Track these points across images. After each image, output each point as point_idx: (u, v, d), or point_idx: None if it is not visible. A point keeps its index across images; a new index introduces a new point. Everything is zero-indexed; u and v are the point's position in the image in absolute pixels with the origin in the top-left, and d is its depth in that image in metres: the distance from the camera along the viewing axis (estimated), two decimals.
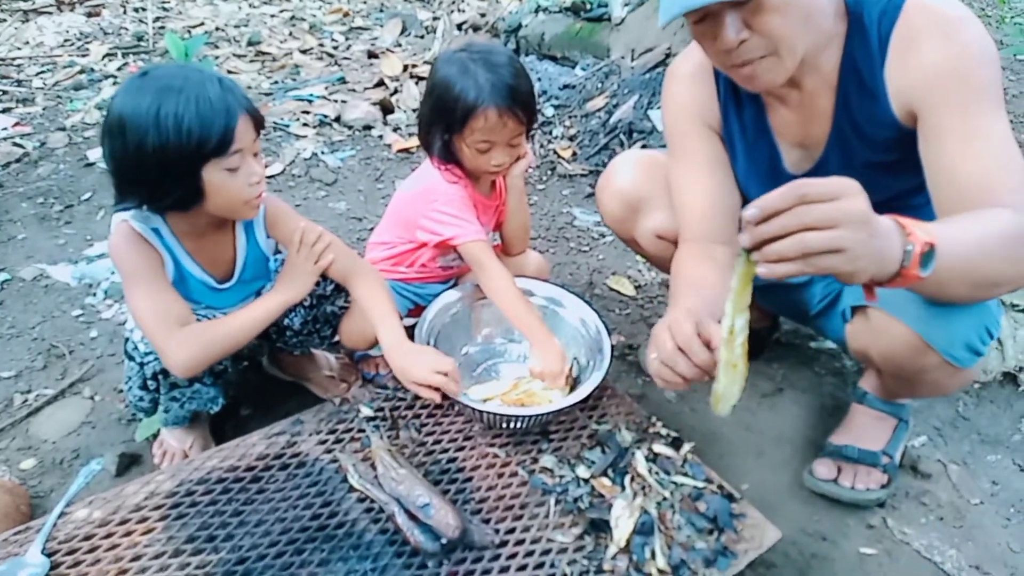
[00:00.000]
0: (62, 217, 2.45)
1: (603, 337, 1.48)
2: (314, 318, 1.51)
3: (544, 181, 2.85)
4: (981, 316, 1.16)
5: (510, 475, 1.30)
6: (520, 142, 1.53)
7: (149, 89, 1.15)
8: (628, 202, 1.56)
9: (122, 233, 1.28)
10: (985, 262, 0.95)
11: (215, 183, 1.20)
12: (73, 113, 3.18)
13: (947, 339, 1.16)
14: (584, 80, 3.28)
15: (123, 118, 1.15)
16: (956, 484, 1.54)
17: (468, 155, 1.51)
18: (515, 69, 1.46)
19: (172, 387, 1.36)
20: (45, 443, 1.58)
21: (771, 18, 1.03)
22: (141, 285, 1.27)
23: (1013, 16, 3.67)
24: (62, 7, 4.55)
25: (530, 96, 1.49)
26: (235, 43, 4.14)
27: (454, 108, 1.44)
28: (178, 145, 1.14)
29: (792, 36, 1.06)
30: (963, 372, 1.22)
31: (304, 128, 3.15)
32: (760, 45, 1.06)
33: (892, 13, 1.10)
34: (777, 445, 1.63)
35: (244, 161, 1.22)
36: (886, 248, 0.83)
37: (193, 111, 1.13)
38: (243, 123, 1.19)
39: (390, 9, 4.89)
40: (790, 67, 1.10)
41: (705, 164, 1.36)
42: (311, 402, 1.54)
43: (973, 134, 1.04)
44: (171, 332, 1.25)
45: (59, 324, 1.95)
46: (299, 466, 1.30)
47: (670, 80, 1.40)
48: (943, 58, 1.06)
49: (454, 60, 1.47)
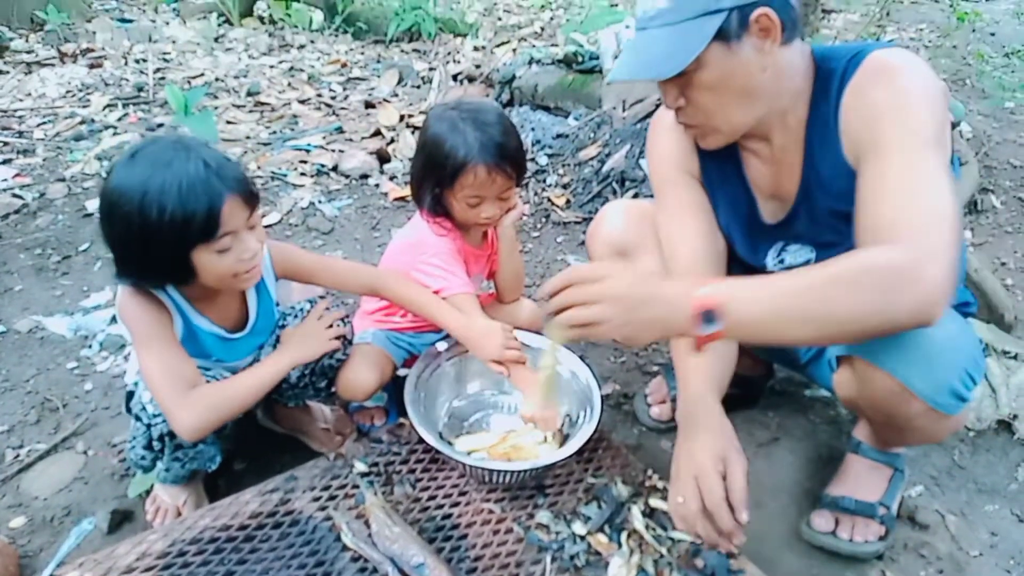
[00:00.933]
0: (59, 268, 2.46)
1: (593, 389, 1.49)
2: (311, 371, 1.52)
3: (538, 228, 2.89)
4: (963, 361, 1.16)
5: (505, 531, 1.29)
6: (510, 195, 1.57)
7: (136, 171, 1.15)
8: (616, 249, 1.59)
9: (130, 292, 1.28)
10: (818, 303, 0.97)
11: (204, 264, 1.21)
12: (73, 164, 3.22)
13: (930, 386, 1.16)
14: (577, 130, 3.34)
15: (111, 199, 1.16)
16: (955, 535, 1.53)
17: (459, 209, 1.54)
18: (504, 127, 1.51)
19: (176, 448, 1.35)
20: (36, 500, 1.56)
21: (702, 95, 1.12)
22: (152, 346, 1.27)
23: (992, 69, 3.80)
24: (64, 59, 4.63)
25: (519, 152, 1.53)
26: (234, 94, 4.21)
27: (444, 164, 1.48)
28: (161, 231, 1.14)
29: (723, 112, 1.14)
30: (950, 419, 1.23)
31: (302, 177, 3.20)
32: (694, 115, 1.17)
33: (851, 70, 1.15)
34: (774, 495, 1.62)
35: (236, 240, 1.22)
36: (661, 314, 0.99)
37: (175, 198, 1.13)
38: (231, 205, 1.18)
39: (387, 60, 5.00)
40: (729, 135, 1.19)
41: (689, 211, 1.41)
42: (306, 455, 1.53)
43: (892, 176, 1.06)
44: (181, 395, 1.25)
45: (53, 377, 1.94)
46: (292, 524, 1.29)
47: (654, 130, 1.46)
48: (881, 101, 1.10)
49: (445, 117, 1.51)
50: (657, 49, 1.10)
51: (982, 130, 3.55)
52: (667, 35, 1.10)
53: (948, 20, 5.41)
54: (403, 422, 1.52)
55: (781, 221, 1.33)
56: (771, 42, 1.11)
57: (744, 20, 1.08)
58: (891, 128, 1.08)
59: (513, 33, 5.52)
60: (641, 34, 1.15)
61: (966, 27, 5.39)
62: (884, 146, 1.08)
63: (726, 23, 1.07)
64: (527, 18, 6.12)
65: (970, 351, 1.18)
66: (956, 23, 5.12)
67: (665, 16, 1.10)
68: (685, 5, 1.08)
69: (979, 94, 4.04)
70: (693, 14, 1.07)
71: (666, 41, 1.10)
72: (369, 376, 1.58)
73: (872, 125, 1.10)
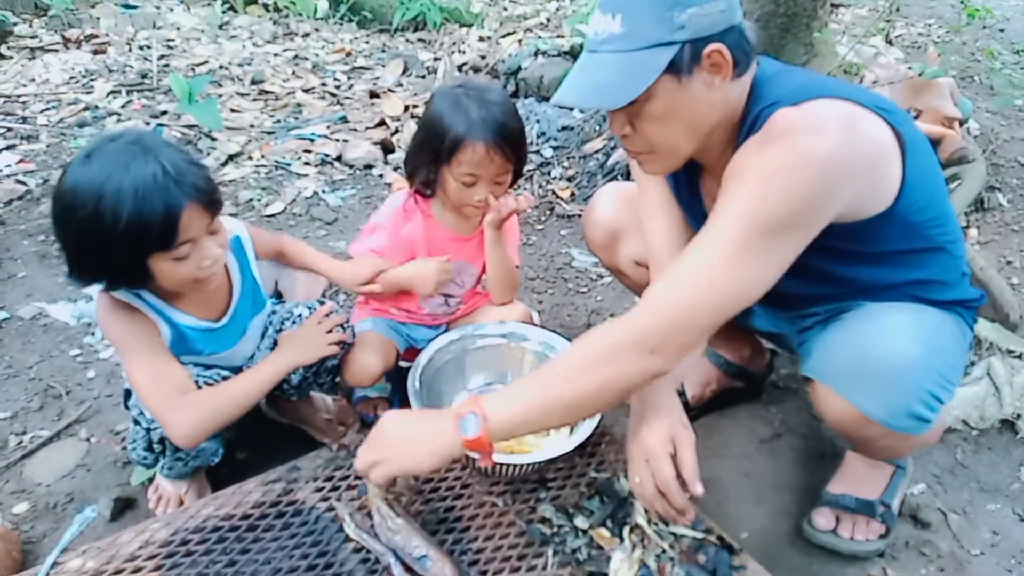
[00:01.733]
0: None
1: None
2: (314, 372, 1.52)
3: (543, 221, 2.88)
4: (925, 382, 1.13)
5: (508, 525, 1.29)
6: (505, 180, 1.56)
7: (92, 174, 1.09)
8: (608, 231, 1.62)
9: (106, 305, 1.25)
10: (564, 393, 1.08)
11: (162, 270, 1.17)
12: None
13: (887, 411, 1.15)
14: (582, 122, 3.33)
15: (65, 202, 1.11)
16: (956, 534, 1.53)
17: (453, 187, 1.53)
18: (507, 108, 1.51)
19: (177, 449, 1.35)
20: (39, 486, 1.57)
21: (649, 125, 1.11)
22: (135, 355, 1.25)
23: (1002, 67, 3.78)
24: (68, 45, 4.61)
25: (519, 136, 1.53)
26: (239, 82, 4.19)
27: (443, 139, 1.47)
28: (117, 238, 1.09)
29: (668, 143, 1.14)
30: (916, 437, 1.22)
31: (306, 167, 3.19)
32: (639, 143, 1.16)
33: (764, 117, 1.08)
34: (776, 492, 1.62)
35: (195, 248, 1.17)
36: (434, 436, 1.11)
37: (132, 205, 1.08)
38: (191, 214, 1.13)
39: (392, 50, 4.97)
40: (671, 164, 1.19)
41: (663, 202, 1.42)
42: (308, 445, 1.53)
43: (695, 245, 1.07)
44: (172, 403, 1.23)
45: (57, 364, 1.95)
46: (295, 514, 1.29)
47: None
48: (741, 159, 1.07)
49: (449, 95, 1.51)
50: (607, 76, 1.06)
51: (990, 127, 3.52)
52: (618, 62, 1.06)
53: (958, 16, 5.37)
54: None
55: None
56: (721, 79, 1.08)
57: (696, 55, 1.05)
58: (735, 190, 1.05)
59: (519, 24, 5.48)
60: (591, 56, 1.10)
61: (976, 23, 5.35)
62: (716, 210, 1.07)
63: (678, 56, 1.03)
64: (533, 8, 6.08)
65: (936, 368, 1.14)
66: (966, 19, 5.08)
67: (617, 42, 1.06)
68: (638, 33, 1.04)
69: (987, 91, 4.01)
70: (646, 44, 1.03)
71: (617, 69, 1.05)
72: (374, 361, 1.59)
73: (726, 178, 1.09)
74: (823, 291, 1.27)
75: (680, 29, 1.03)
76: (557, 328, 1.97)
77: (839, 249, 1.15)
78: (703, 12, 1.03)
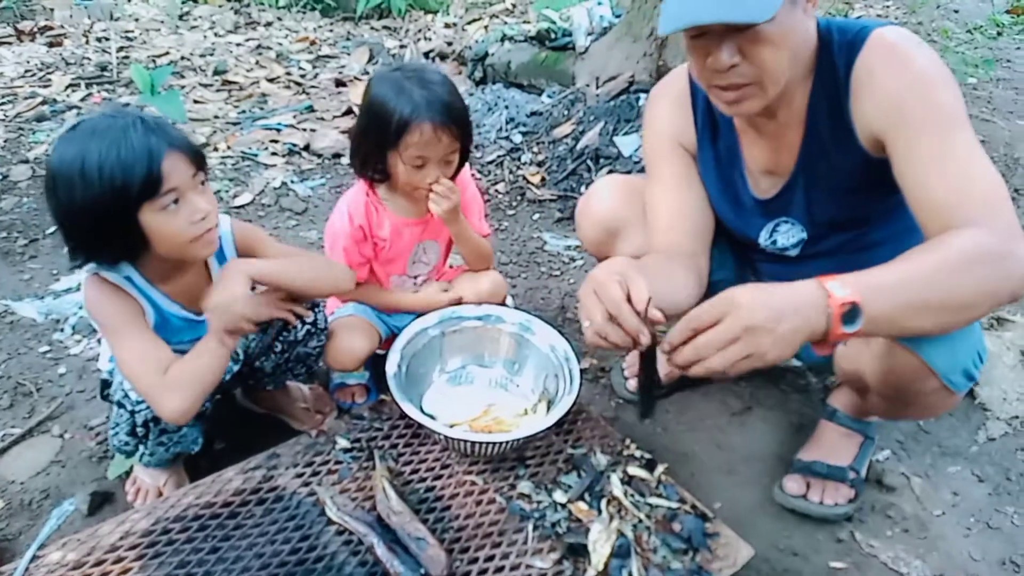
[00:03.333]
0: (26, 252, 2.41)
1: (572, 362, 1.51)
2: (287, 359, 1.52)
3: (514, 206, 2.90)
4: (976, 343, 1.21)
5: (488, 502, 1.31)
6: (454, 160, 1.55)
7: (75, 141, 1.14)
8: (606, 227, 1.58)
9: (95, 286, 1.26)
10: (937, 291, 0.98)
11: (154, 227, 1.18)
12: (36, 145, 3.14)
13: (949, 365, 1.20)
14: (551, 107, 3.34)
15: (54, 173, 1.15)
16: (919, 496, 1.59)
17: (403, 171, 1.52)
18: (449, 88, 1.51)
19: (161, 432, 1.35)
20: (13, 484, 1.55)
21: (764, 49, 1.09)
22: (124, 337, 1.25)
23: (956, 45, 3.87)
24: (22, 38, 4.48)
25: (464, 114, 1.53)
26: (201, 72, 4.12)
27: (389, 123, 1.46)
28: (103, 193, 1.12)
29: (778, 70, 1.12)
30: (955, 396, 1.27)
31: (273, 157, 3.16)
32: (748, 73, 1.12)
33: (855, 48, 1.16)
34: (747, 462, 1.67)
35: (184, 199, 1.19)
36: (801, 323, 0.95)
37: (114, 157, 1.12)
38: (172, 161, 1.16)
39: (357, 38, 4.93)
40: (771, 97, 1.16)
41: (678, 182, 1.42)
42: (286, 434, 1.53)
43: (939, 155, 1.08)
44: (161, 382, 1.23)
45: (25, 361, 1.92)
46: (276, 500, 1.30)
47: (652, 102, 1.46)
48: (901, 86, 1.11)
49: (388, 78, 1.50)
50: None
51: None
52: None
53: None
54: (384, 399, 1.53)
55: (774, 196, 1.35)
56: (812, 5, 1.12)
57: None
58: (921, 110, 1.09)
59: (484, 10, 5.47)
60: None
61: (930, 3, 5.47)
62: (918, 128, 1.10)
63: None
64: None
65: (979, 333, 1.22)
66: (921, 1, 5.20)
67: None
68: None
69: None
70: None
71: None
72: (360, 343, 1.60)
73: (899, 108, 1.11)
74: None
75: None
76: (532, 311, 1.99)
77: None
78: None
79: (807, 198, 1.33)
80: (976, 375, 1.23)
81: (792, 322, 0.94)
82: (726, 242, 1.50)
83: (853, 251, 1.36)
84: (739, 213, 1.43)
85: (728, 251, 1.53)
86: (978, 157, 1.08)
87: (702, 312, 0.97)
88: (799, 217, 1.37)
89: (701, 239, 1.42)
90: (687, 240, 1.39)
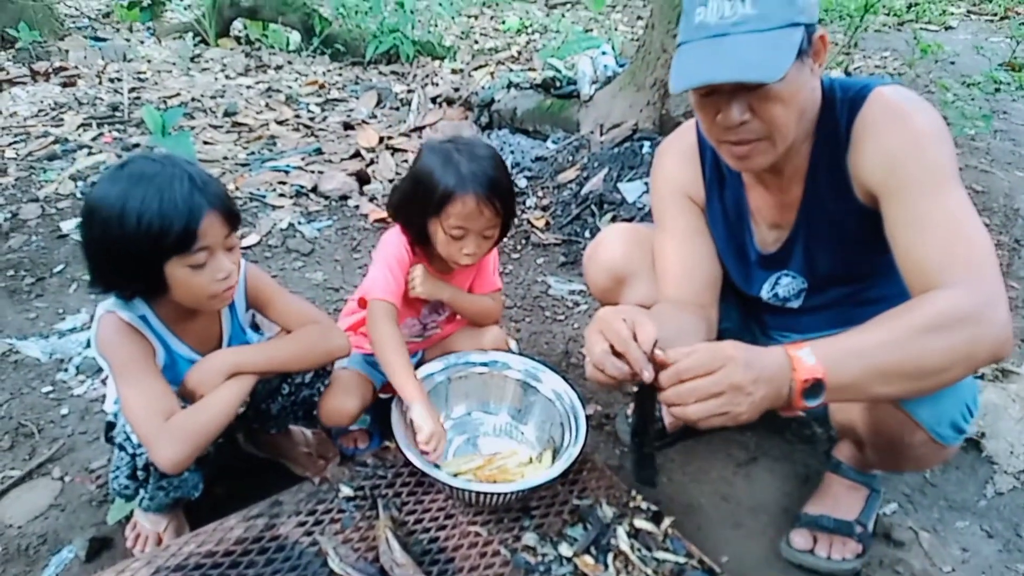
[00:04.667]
0: (33, 290, 2.42)
1: (578, 410, 1.51)
2: (292, 403, 1.52)
3: (519, 250, 2.92)
4: (963, 394, 1.21)
5: (492, 554, 1.30)
6: (493, 235, 1.56)
7: (120, 182, 1.18)
8: (614, 274, 1.59)
9: (111, 325, 1.27)
10: (906, 357, 0.99)
11: (177, 278, 1.21)
12: (47, 184, 3.17)
13: (934, 417, 1.21)
14: (555, 153, 3.39)
15: (93, 206, 1.19)
16: (928, 552, 1.57)
17: (442, 240, 1.54)
18: (497, 163, 1.53)
19: (161, 476, 1.34)
20: (10, 528, 1.53)
21: (775, 107, 1.11)
22: (132, 379, 1.26)
23: (955, 99, 3.96)
24: (37, 78, 4.57)
25: (509, 190, 1.54)
26: (211, 114, 4.19)
27: (434, 191, 1.48)
28: (137, 239, 1.15)
29: (788, 126, 1.14)
30: (946, 449, 1.28)
31: (281, 198, 3.19)
32: (758, 129, 1.14)
33: (856, 105, 1.19)
34: (754, 515, 1.65)
35: (211, 258, 1.22)
36: (770, 391, 0.98)
37: (155, 207, 1.15)
38: (210, 221, 1.19)
39: (365, 82, 5.02)
40: (780, 153, 1.18)
41: (686, 235, 1.43)
42: (288, 480, 1.52)
43: (928, 214, 1.10)
44: (160, 429, 1.23)
45: (28, 401, 1.91)
46: (278, 550, 1.28)
47: (660, 156, 1.48)
48: (897, 143, 1.14)
49: (439, 149, 1.53)
50: (753, 52, 1.06)
51: None
52: (760, 40, 1.07)
53: (911, 50, 5.60)
54: (388, 445, 1.52)
55: (777, 250, 1.37)
56: (818, 65, 1.15)
57: (810, 39, 1.11)
58: (914, 168, 1.12)
59: (490, 56, 5.59)
60: (720, 39, 1.09)
61: (928, 57, 5.59)
62: (910, 186, 1.12)
63: (802, 38, 1.09)
64: (504, 42, 6.20)
65: (970, 385, 1.22)
66: (919, 54, 5.31)
67: (753, 22, 1.07)
68: (772, 14, 1.07)
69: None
70: (781, 23, 1.07)
71: (760, 46, 1.06)
72: (351, 402, 1.59)
73: (893, 165, 1.14)
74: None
75: (801, 13, 1.09)
76: (536, 356, 1.99)
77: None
78: (811, 0, 1.11)
79: (807, 251, 1.35)
80: (965, 428, 1.24)
81: (763, 389, 0.98)
82: (731, 292, 1.51)
83: (853, 305, 1.37)
84: (743, 266, 1.45)
85: (733, 301, 1.54)
86: (968, 218, 1.09)
87: (696, 362, 0.99)
88: (800, 270, 1.39)
89: (710, 291, 1.43)
90: (697, 292, 1.40)
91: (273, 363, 1.40)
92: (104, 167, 3.37)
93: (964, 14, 7.81)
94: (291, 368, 1.45)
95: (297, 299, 1.52)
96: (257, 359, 1.38)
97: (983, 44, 6.16)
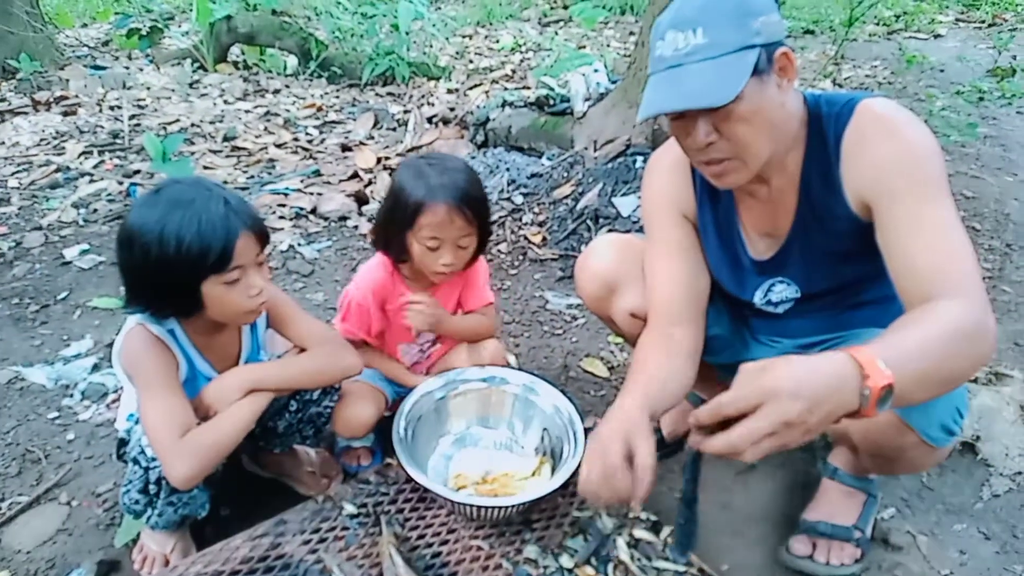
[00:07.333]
0: (38, 318, 2.46)
1: (577, 423, 1.53)
2: (299, 419, 1.55)
3: (516, 266, 2.95)
4: (952, 397, 1.23)
5: (494, 568, 1.32)
6: (468, 245, 1.58)
7: (159, 205, 1.23)
8: (604, 282, 1.62)
9: (139, 337, 1.32)
10: (937, 368, 1.00)
11: (213, 296, 1.27)
12: (49, 212, 3.22)
13: (925, 420, 1.23)
14: (551, 169, 3.44)
15: (132, 231, 1.23)
16: (926, 555, 1.59)
17: (418, 252, 1.57)
18: (469, 176, 1.57)
19: (172, 492, 1.36)
20: (19, 553, 1.55)
21: (738, 127, 1.16)
22: (156, 392, 1.29)
23: (942, 108, 4.01)
24: (38, 107, 4.64)
25: (481, 201, 1.57)
26: (211, 139, 4.25)
27: (407, 204, 1.52)
28: (177, 262, 1.20)
29: (756, 144, 1.18)
30: (938, 451, 1.30)
31: (280, 221, 3.23)
32: (726, 148, 1.19)
33: (845, 117, 1.22)
34: (753, 523, 1.67)
35: (244, 275, 1.28)
36: (835, 407, 0.93)
37: (194, 229, 1.20)
38: (244, 241, 1.25)
39: (362, 104, 5.09)
40: (753, 170, 1.22)
41: (676, 249, 1.46)
42: (292, 499, 1.54)
43: (923, 225, 1.13)
44: (176, 444, 1.26)
45: (34, 427, 1.93)
46: (284, 568, 1.30)
47: (650, 170, 1.51)
48: (887, 155, 1.17)
49: (412, 165, 1.58)
50: (704, 80, 1.12)
51: None
52: (712, 67, 1.12)
53: (899, 60, 5.67)
54: (390, 462, 1.55)
55: (772, 257, 1.40)
56: (787, 81, 1.19)
57: (770, 58, 1.15)
58: (905, 179, 1.15)
59: (485, 76, 5.66)
60: (677, 70, 1.15)
61: (915, 67, 5.65)
62: (902, 197, 1.15)
63: (758, 58, 1.13)
64: (498, 61, 6.28)
65: (960, 388, 1.25)
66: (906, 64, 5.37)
67: (704, 51, 1.13)
68: (723, 41, 1.12)
69: (931, 130, 4.25)
70: (732, 48, 1.12)
71: (713, 72, 1.12)
72: (367, 411, 1.62)
73: (884, 177, 1.17)
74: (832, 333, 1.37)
75: (757, 35, 1.13)
76: (534, 370, 2.01)
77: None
78: (771, 20, 1.15)
79: (802, 259, 1.38)
80: (956, 429, 1.26)
81: (826, 408, 0.92)
82: (720, 298, 1.54)
83: (842, 309, 1.41)
84: (737, 274, 1.48)
85: (723, 307, 1.57)
86: (957, 229, 1.13)
87: (737, 400, 0.94)
88: (794, 277, 1.42)
89: (697, 305, 1.46)
90: (684, 307, 1.43)
91: (289, 381, 1.44)
92: (106, 194, 3.42)
93: (953, 22, 7.89)
94: (305, 386, 1.50)
95: (312, 318, 1.55)
96: (274, 377, 1.41)
97: (967, 54, 6.23)
